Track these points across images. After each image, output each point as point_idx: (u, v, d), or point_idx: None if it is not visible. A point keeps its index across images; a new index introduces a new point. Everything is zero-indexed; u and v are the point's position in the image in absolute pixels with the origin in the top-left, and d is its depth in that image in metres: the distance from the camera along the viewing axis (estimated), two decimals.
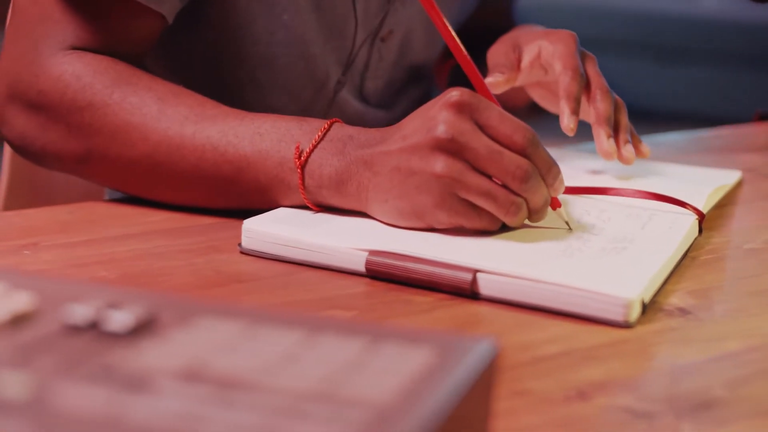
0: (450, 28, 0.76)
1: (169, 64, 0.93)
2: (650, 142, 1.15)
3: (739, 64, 3.90)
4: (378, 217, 0.74)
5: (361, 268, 0.69)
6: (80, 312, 0.41)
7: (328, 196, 0.75)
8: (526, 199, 0.70)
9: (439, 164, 0.69)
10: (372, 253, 0.69)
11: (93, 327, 0.41)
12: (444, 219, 0.71)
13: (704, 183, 0.88)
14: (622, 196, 0.82)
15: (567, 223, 0.74)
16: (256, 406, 0.33)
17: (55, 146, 0.80)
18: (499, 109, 0.71)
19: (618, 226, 0.76)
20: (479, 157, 0.69)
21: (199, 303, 0.44)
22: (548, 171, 0.71)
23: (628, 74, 3.78)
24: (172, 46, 0.92)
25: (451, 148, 0.69)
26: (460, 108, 0.69)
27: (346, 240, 0.70)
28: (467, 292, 0.66)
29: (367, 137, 0.74)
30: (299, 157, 0.74)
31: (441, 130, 0.69)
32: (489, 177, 0.70)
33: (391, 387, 0.37)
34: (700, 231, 0.79)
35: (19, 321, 0.41)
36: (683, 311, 0.66)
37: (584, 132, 0.90)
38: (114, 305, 0.42)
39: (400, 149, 0.71)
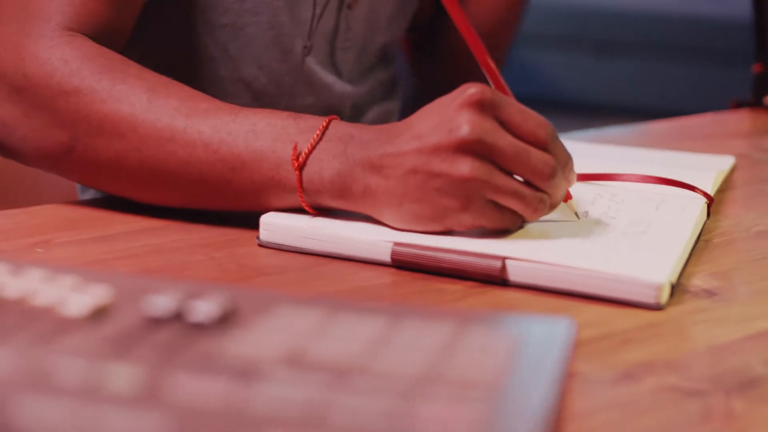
0: (465, 16, 0.75)
1: (141, 47, 0.92)
2: (637, 131, 1.16)
3: (678, 57, 3.94)
4: (388, 222, 0.70)
5: (386, 259, 0.69)
6: (162, 303, 0.40)
7: (330, 199, 0.72)
8: (549, 194, 0.69)
9: (466, 167, 0.67)
10: (397, 243, 0.69)
11: (176, 318, 0.40)
12: (468, 221, 0.69)
13: (705, 168, 0.90)
14: (632, 181, 0.83)
15: (576, 213, 0.74)
16: (380, 390, 0.33)
17: (37, 135, 0.77)
18: (518, 104, 0.69)
19: (632, 209, 0.76)
20: (506, 157, 0.67)
21: (274, 293, 0.43)
22: (566, 164, 0.70)
23: (567, 68, 3.80)
24: (145, 26, 0.91)
25: (477, 149, 0.67)
26: (481, 106, 0.68)
27: (368, 231, 0.70)
28: (497, 279, 0.66)
29: (370, 136, 0.71)
30: (297, 159, 0.71)
31: (465, 131, 0.67)
32: (511, 175, 0.68)
33: (493, 368, 0.36)
34: (708, 215, 0.80)
35: (100, 314, 0.40)
36: (709, 292, 0.67)
37: (573, 122, 0.90)
38: (194, 296, 0.41)
39: (417, 150, 0.68)
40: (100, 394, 0.33)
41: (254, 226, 0.74)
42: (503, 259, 0.66)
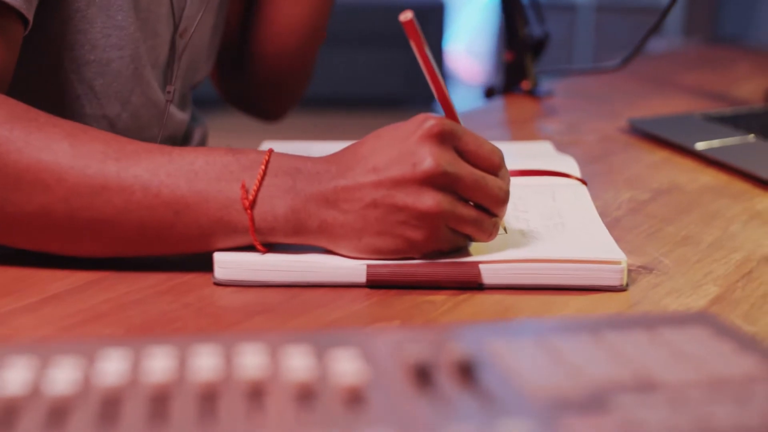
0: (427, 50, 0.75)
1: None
2: None
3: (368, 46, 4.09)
4: (344, 253, 0.72)
5: (361, 280, 0.71)
6: (419, 350, 0.42)
7: (283, 236, 0.72)
8: (500, 217, 0.73)
9: (431, 199, 0.69)
10: (371, 265, 0.71)
11: (434, 367, 0.42)
12: (427, 249, 0.71)
13: (554, 155, 0.99)
14: (515, 175, 0.89)
15: (504, 228, 0.79)
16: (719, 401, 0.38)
17: None
18: (471, 132, 0.72)
19: (534, 203, 0.84)
20: (466, 186, 0.70)
21: (481, 326, 0.46)
22: (509, 184, 0.73)
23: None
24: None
25: (441, 181, 0.69)
26: (442, 138, 0.69)
27: (335, 256, 0.72)
28: (474, 285, 0.71)
29: (318, 169, 0.71)
30: (247, 198, 0.70)
31: (430, 164, 0.68)
32: (468, 202, 0.71)
33: (743, 365, 0.42)
34: None
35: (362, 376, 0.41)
36: (646, 268, 0.76)
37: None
38: (437, 340, 0.43)
39: (375, 183, 0.70)
40: None
41: (196, 266, 0.74)
42: (477, 264, 0.71)
